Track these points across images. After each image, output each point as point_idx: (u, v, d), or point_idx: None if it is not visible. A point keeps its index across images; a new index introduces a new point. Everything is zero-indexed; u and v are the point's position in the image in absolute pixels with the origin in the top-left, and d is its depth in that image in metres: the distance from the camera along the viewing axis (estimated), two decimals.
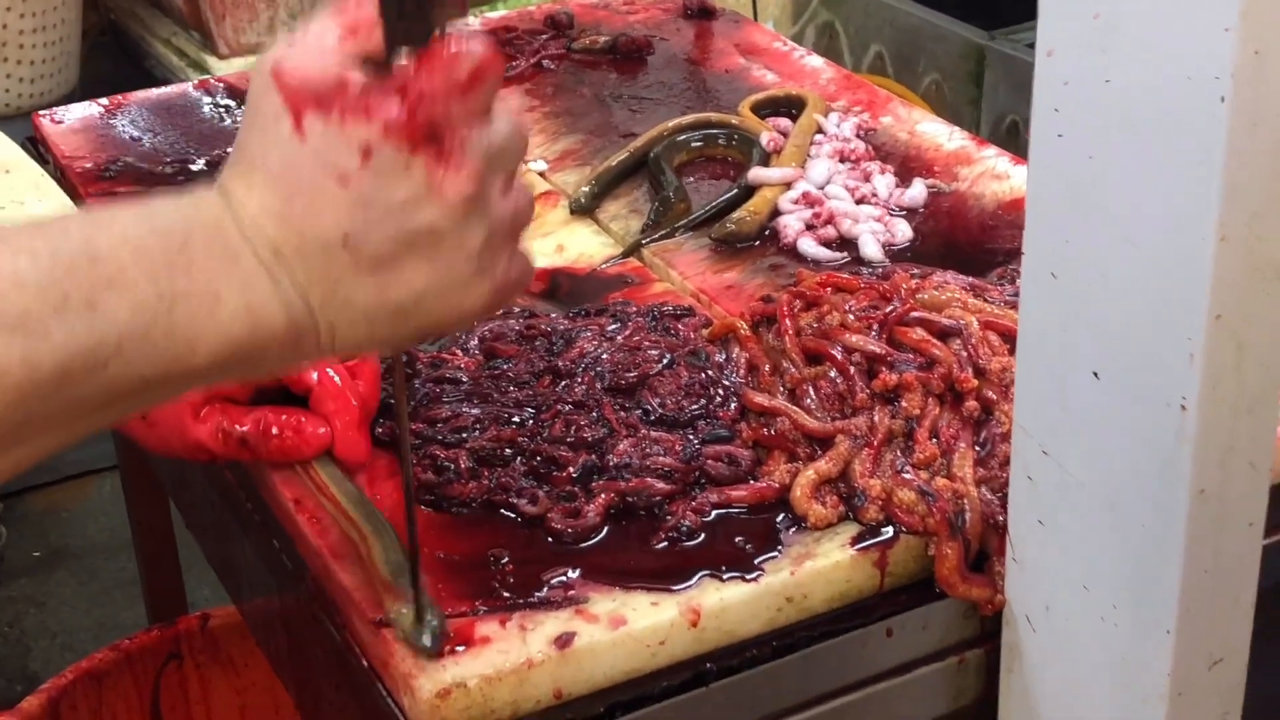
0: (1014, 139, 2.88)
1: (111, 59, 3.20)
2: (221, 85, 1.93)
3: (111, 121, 1.82)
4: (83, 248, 0.81)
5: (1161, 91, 0.88)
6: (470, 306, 0.89)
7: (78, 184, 1.69)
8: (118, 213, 0.84)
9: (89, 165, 1.71)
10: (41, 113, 1.83)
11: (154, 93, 1.92)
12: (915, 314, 1.23)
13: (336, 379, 1.17)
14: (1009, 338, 1.20)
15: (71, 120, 1.82)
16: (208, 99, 1.89)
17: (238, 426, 1.15)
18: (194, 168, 1.71)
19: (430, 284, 0.87)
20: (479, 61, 0.85)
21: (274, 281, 0.85)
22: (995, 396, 1.17)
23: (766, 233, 1.52)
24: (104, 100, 1.87)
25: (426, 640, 1.01)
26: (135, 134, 1.80)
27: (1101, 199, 0.93)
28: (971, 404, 1.17)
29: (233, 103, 1.88)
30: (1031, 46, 2.64)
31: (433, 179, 0.84)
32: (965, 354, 1.19)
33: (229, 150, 1.73)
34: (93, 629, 2.81)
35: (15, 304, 0.78)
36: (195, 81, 1.97)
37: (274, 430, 1.15)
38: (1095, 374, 0.96)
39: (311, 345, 0.88)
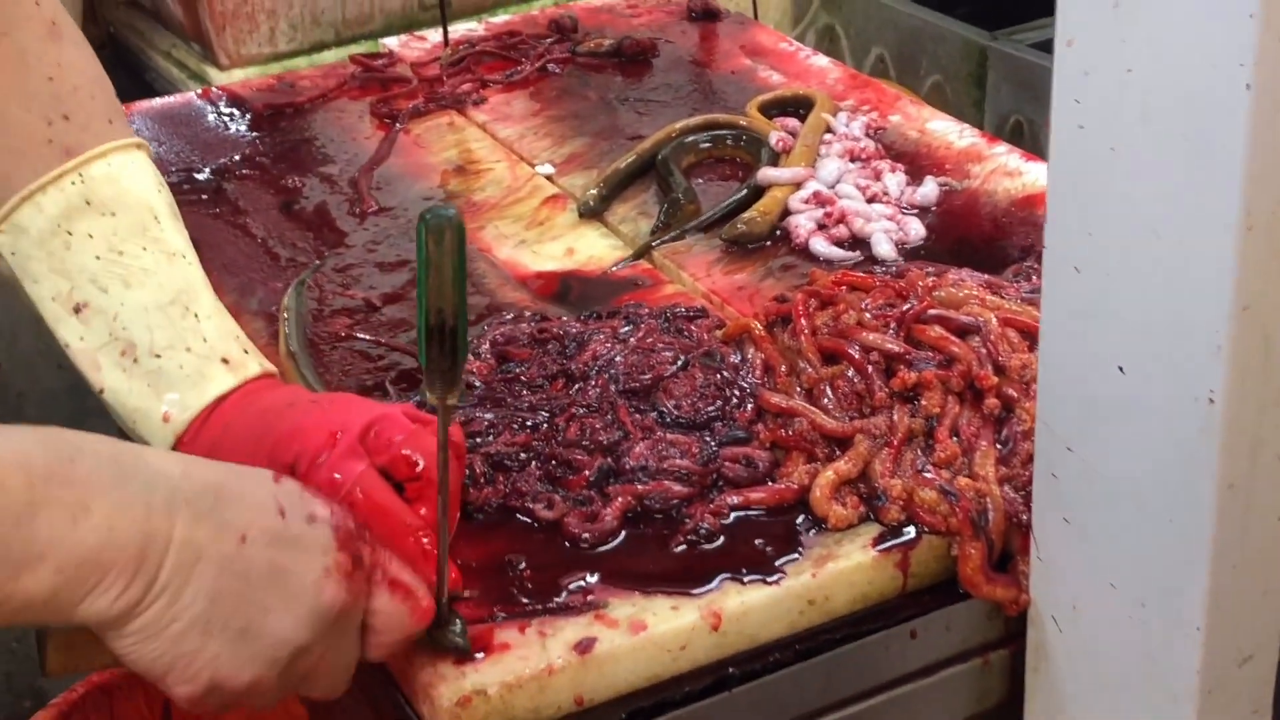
0: (1019, 139, 2.87)
1: (111, 72, 3.17)
2: (224, 94, 1.92)
3: None
4: None
5: (1184, 80, 0.87)
6: (249, 680, 0.92)
7: None
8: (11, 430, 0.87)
9: None
10: None
11: (157, 102, 1.91)
12: (933, 311, 1.22)
13: None
14: (1028, 334, 1.19)
15: None
16: (211, 108, 1.88)
17: None
18: (199, 176, 1.70)
19: (252, 642, 0.91)
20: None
21: (148, 507, 0.87)
22: (1016, 394, 1.16)
23: (777, 233, 1.51)
24: None
25: (459, 640, 1.00)
26: None
27: (1124, 190, 0.92)
28: (992, 401, 1.16)
29: (236, 111, 1.87)
30: (1035, 46, 2.63)
31: (340, 576, 0.94)
32: (985, 351, 1.18)
33: (235, 158, 1.72)
34: None
35: None
36: (199, 91, 1.96)
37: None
38: (1120, 368, 0.95)
39: (143, 583, 0.87)
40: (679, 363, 1.26)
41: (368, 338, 1.39)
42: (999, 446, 1.14)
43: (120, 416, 1.12)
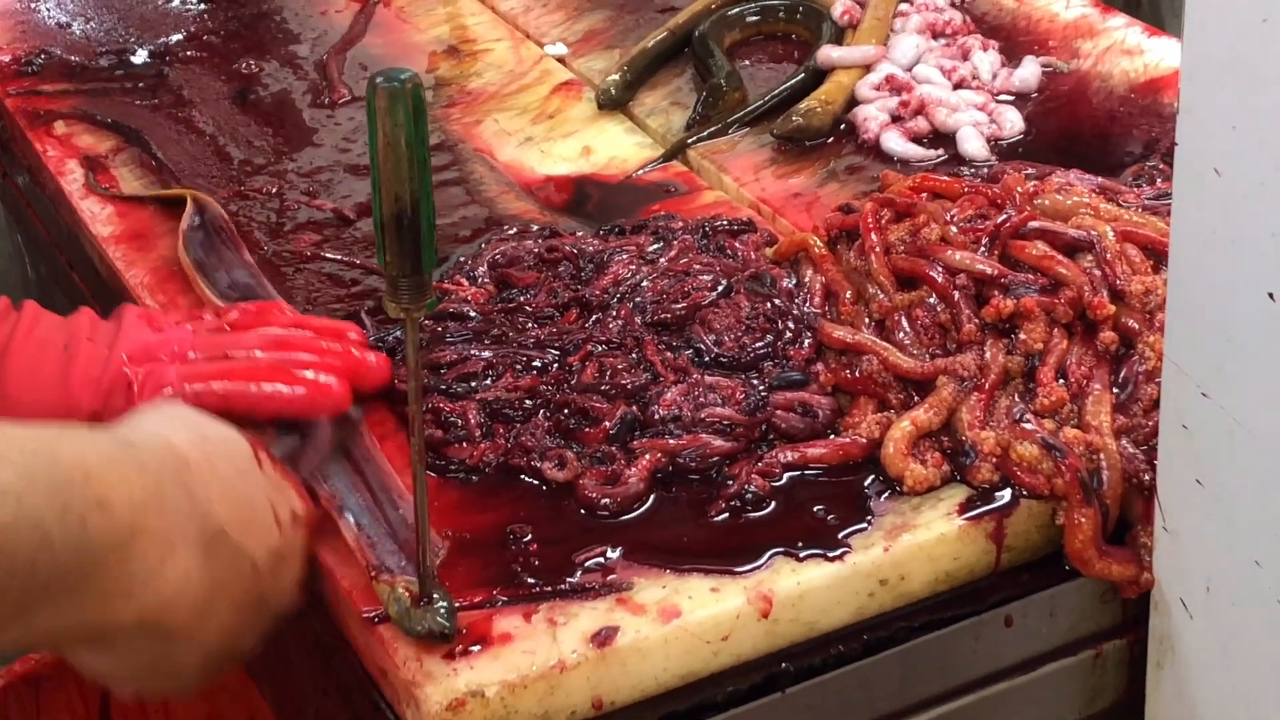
0: (1135, 10, 2.85)
1: None
2: None
3: (33, 5, 1.83)
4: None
5: None
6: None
7: None
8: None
9: (6, 59, 1.71)
10: None
11: None
12: (1034, 224, 1.21)
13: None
14: (1153, 251, 1.18)
15: None
16: None
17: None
18: (135, 59, 1.70)
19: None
20: None
21: (207, 551, 1.00)
22: (1137, 325, 1.15)
23: (842, 127, 1.52)
24: None
25: (440, 621, 0.99)
26: (63, 19, 1.80)
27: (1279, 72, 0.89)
28: (1108, 335, 1.15)
29: None
30: None
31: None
32: (1098, 273, 1.17)
33: (178, 37, 1.76)
34: None
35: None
36: None
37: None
38: (1270, 295, 0.93)
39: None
40: (720, 288, 1.25)
41: (338, 257, 1.39)
42: (1116, 391, 1.14)
43: None
